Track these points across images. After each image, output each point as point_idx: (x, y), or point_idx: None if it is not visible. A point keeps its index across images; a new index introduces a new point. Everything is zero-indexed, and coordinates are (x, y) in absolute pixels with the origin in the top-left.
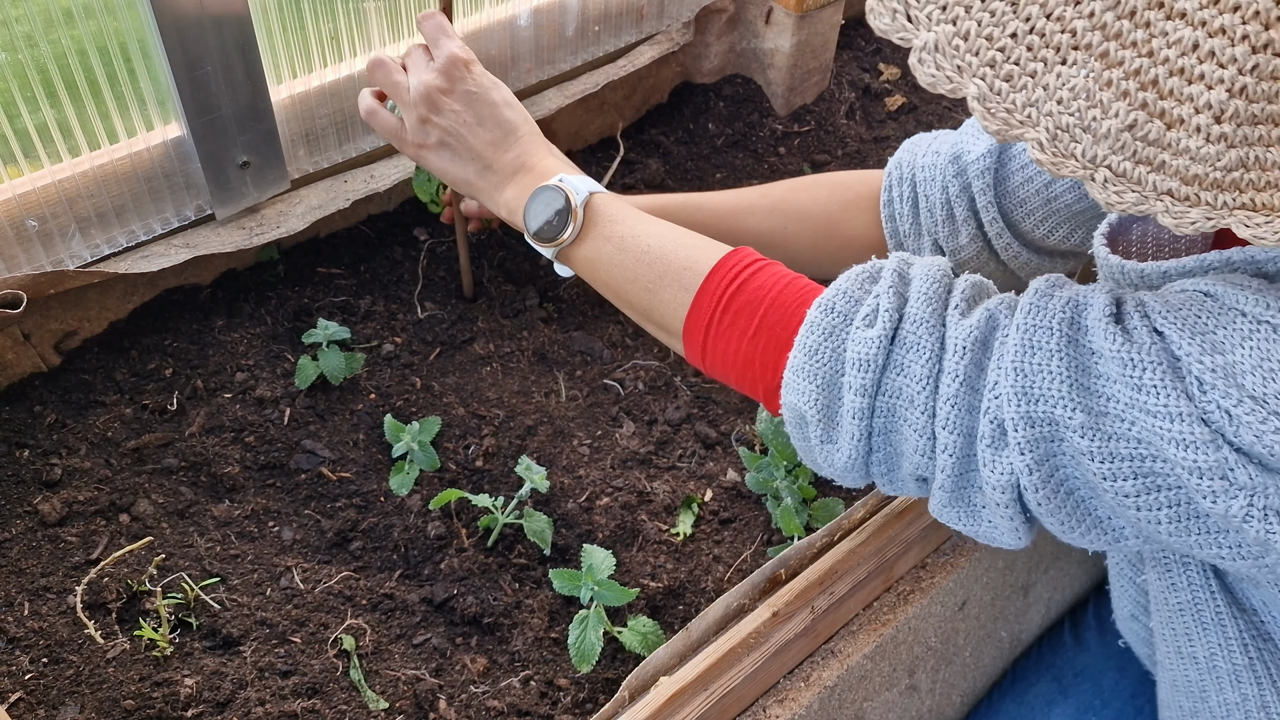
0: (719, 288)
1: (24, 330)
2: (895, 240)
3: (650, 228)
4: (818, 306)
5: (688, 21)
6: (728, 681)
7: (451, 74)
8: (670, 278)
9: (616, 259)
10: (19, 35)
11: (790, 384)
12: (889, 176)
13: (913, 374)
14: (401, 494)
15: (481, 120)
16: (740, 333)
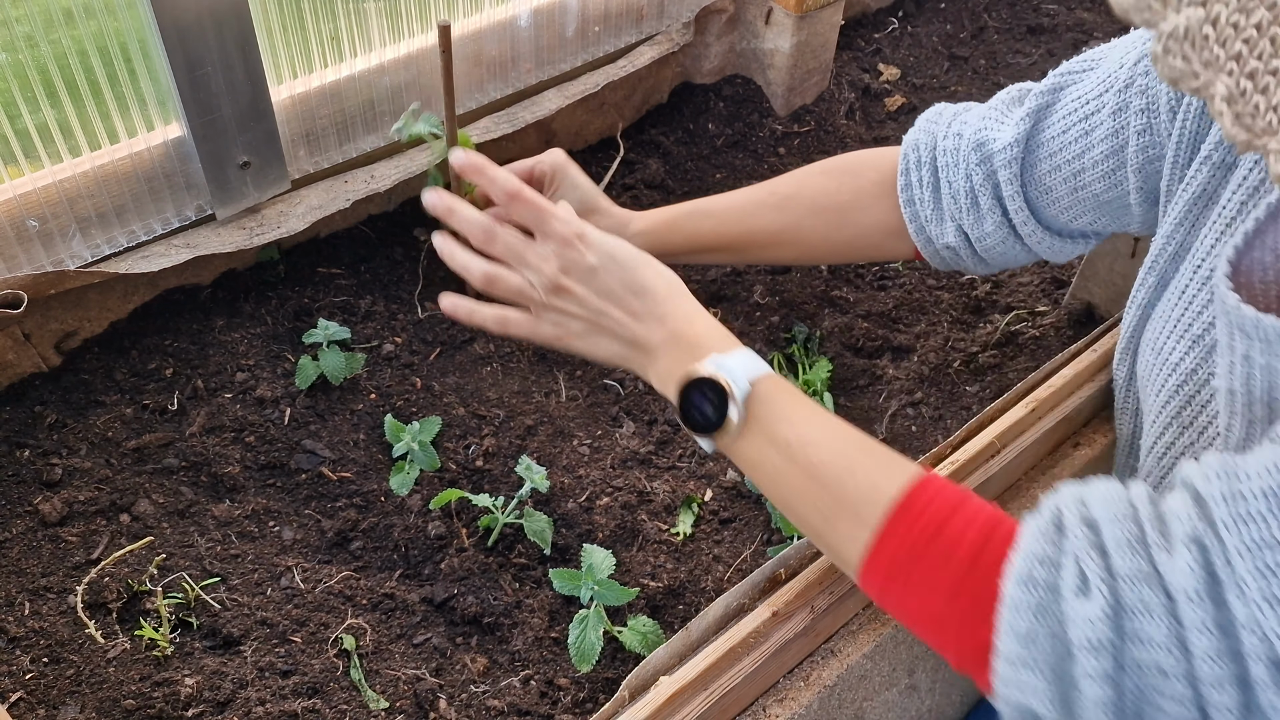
0: (906, 532)
1: (24, 330)
2: (916, 224)
3: (821, 433)
4: (1016, 580)
5: (687, 22)
6: (728, 681)
7: (566, 256)
8: (847, 508)
9: (783, 469)
10: (19, 35)
11: (1010, 680)
12: (905, 159)
13: (1155, 642)
14: (402, 494)
15: (612, 295)
16: (930, 591)
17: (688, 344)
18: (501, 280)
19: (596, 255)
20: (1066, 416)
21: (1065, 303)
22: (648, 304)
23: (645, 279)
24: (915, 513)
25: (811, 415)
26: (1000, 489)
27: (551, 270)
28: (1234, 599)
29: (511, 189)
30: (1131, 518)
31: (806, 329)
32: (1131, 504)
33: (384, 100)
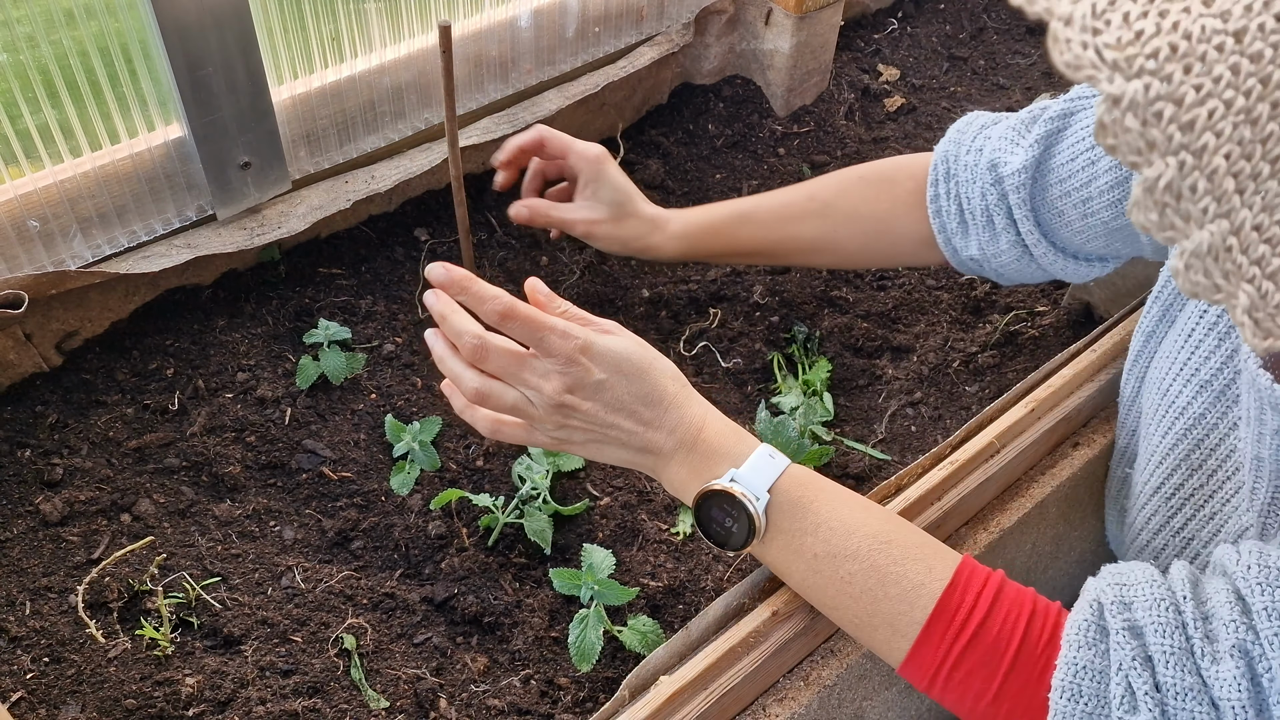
0: (945, 642)
1: (25, 330)
2: (944, 237)
3: (847, 542)
4: (1063, 693)
5: (687, 23)
6: (727, 680)
7: (571, 374)
8: (881, 620)
9: (811, 580)
10: (20, 36)
11: None
12: (934, 170)
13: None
14: (402, 493)
15: (621, 406)
16: (975, 695)
17: (701, 453)
18: (495, 398)
19: (603, 369)
20: (1066, 416)
21: (1064, 303)
22: (657, 413)
23: (654, 387)
24: (951, 618)
25: (834, 521)
26: (1000, 489)
27: (553, 389)
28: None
29: (504, 308)
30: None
31: (806, 329)
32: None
33: (384, 100)
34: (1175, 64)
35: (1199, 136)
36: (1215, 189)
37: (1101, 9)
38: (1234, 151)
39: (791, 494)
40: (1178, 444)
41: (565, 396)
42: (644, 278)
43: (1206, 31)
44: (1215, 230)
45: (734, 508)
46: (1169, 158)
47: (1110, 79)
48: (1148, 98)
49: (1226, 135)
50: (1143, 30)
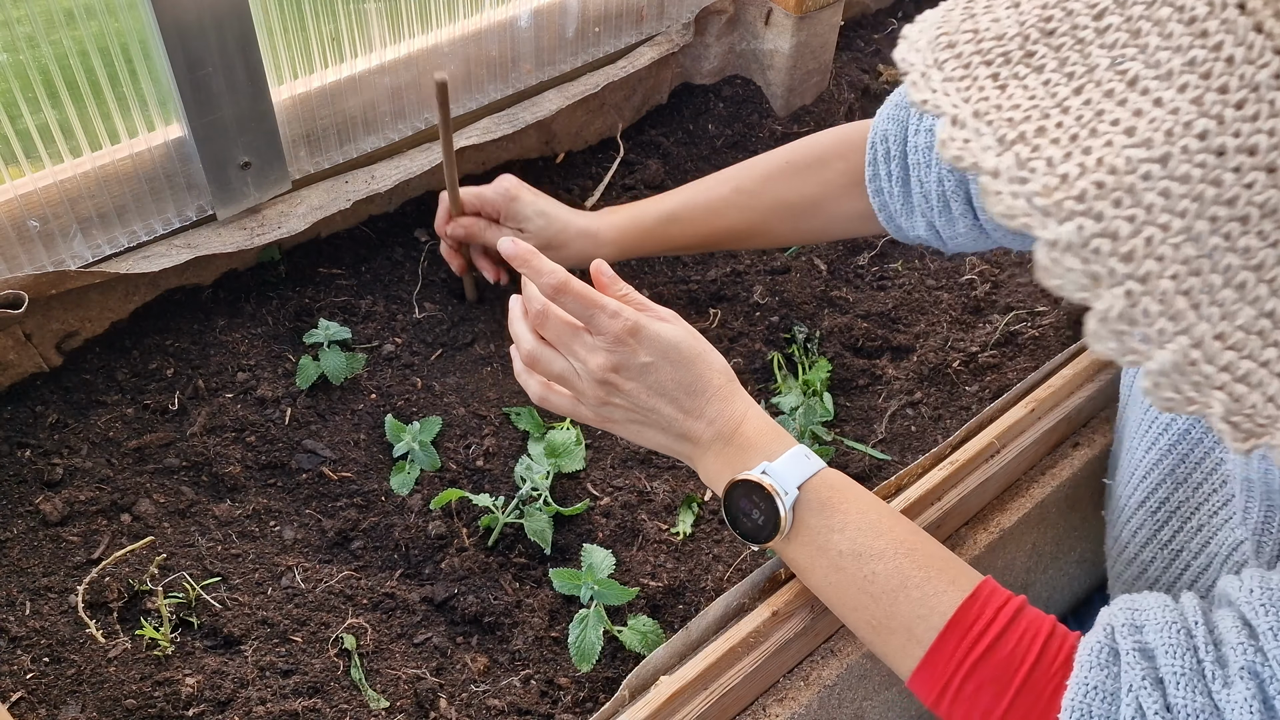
0: (960, 651)
1: (25, 330)
2: (885, 214)
3: (873, 543)
4: (1073, 713)
5: (687, 23)
6: (727, 680)
7: (618, 353)
8: (899, 623)
9: (833, 579)
10: (20, 36)
11: None
12: (873, 150)
13: None
14: (402, 493)
15: (664, 391)
16: (984, 712)
17: (737, 446)
18: (544, 364)
19: (650, 352)
20: (1066, 416)
21: (1065, 303)
22: (699, 402)
23: (696, 376)
24: (967, 629)
25: (863, 523)
26: (1000, 489)
27: (598, 365)
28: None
29: (558, 283)
30: (1188, 646)
31: (806, 329)
32: (1187, 629)
33: (384, 101)
34: (1104, 200)
35: (1141, 264)
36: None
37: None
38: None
39: (822, 493)
40: (1163, 459)
41: (609, 375)
42: (643, 277)
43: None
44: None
45: (762, 500)
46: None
47: (1044, 225)
48: (1082, 237)
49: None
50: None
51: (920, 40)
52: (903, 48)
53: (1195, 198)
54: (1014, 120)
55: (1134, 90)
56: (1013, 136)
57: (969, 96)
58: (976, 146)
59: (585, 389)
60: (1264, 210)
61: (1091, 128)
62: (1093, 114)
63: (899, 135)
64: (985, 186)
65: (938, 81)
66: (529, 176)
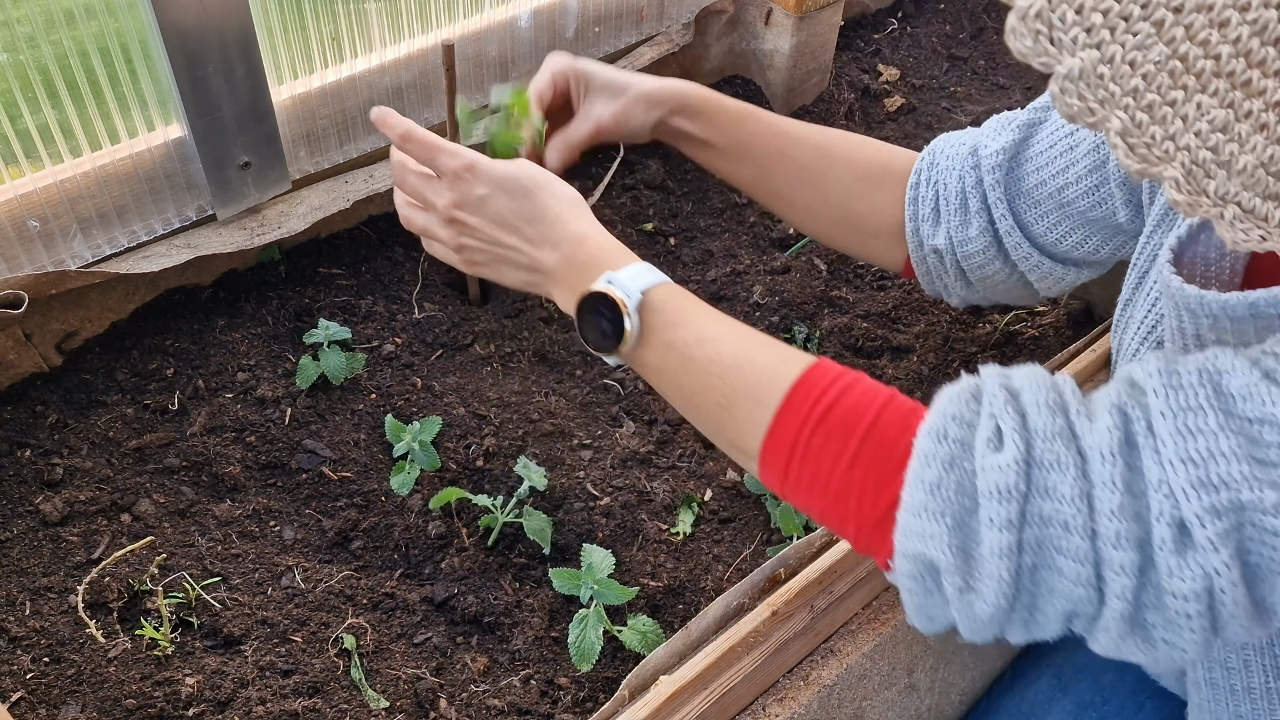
0: (804, 408)
1: (26, 330)
2: (913, 225)
3: (717, 329)
4: (928, 435)
5: (687, 23)
6: (727, 680)
7: (458, 190)
8: (745, 394)
9: (682, 369)
10: (20, 36)
11: (912, 529)
12: (919, 162)
13: (1061, 495)
14: (402, 493)
15: (505, 224)
16: (833, 461)
17: (581, 264)
18: (411, 221)
19: (486, 185)
20: None
21: (1065, 303)
22: (540, 230)
23: (536, 205)
24: (814, 386)
25: (706, 316)
26: None
27: (444, 204)
28: (1149, 462)
29: (403, 131)
30: (1053, 387)
31: (806, 329)
32: (1056, 385)
33: (384, 100)
34: None
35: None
36: (1083, 21)
37: None
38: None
39: (665, 297)
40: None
41: (454, 211)
42: None
43: None
44: (1086, 57)
45: (609, 309)
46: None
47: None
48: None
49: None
50: None
51: None
52: None
53: None
54: None
55: None
56: None
57: None
58: None
59: (441, 233)
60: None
61: None
62: None
63: (942, 149)
64: None
65: None
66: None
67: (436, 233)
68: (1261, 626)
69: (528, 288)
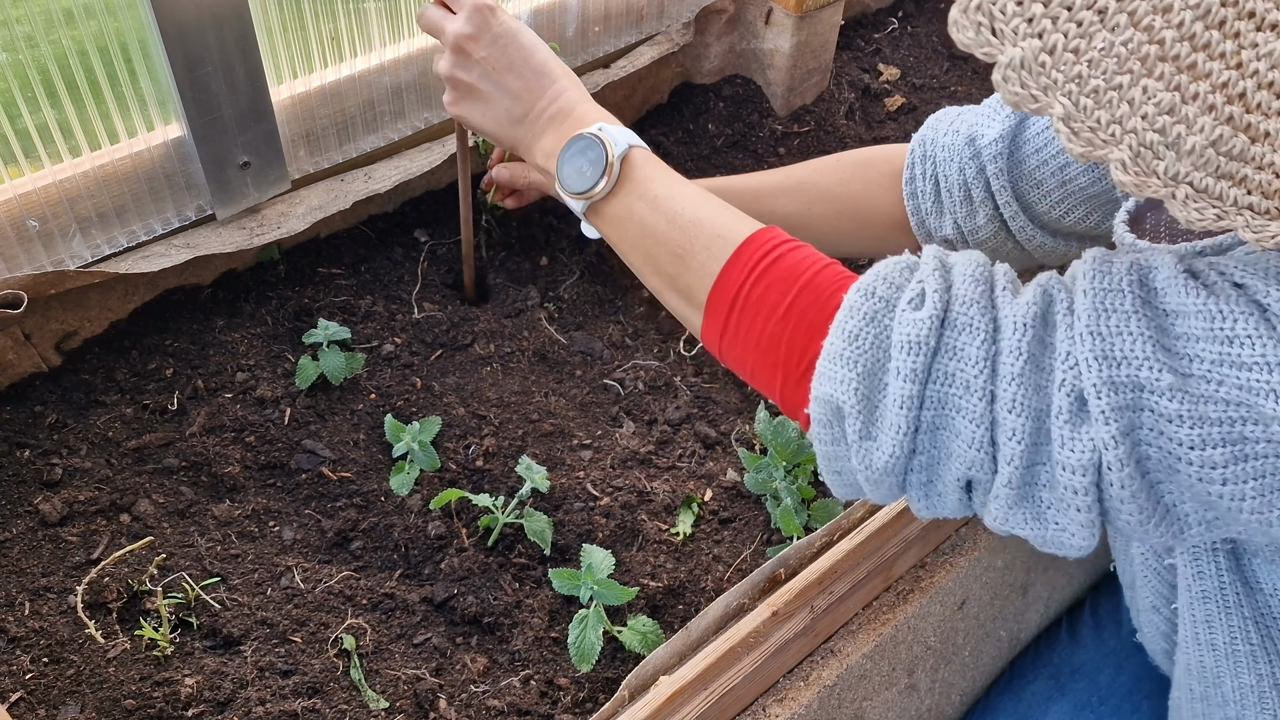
0: (751, 260)
1: (25, 330)
2: (918, 218)
3: (685, 190)
4: (857, 290)
5: (687, 22)
6: (727, 680)
7: (475, 19)
8: (701, 244)
9: (648, 219)
10: (20, 35)
11: (826, 373)
12: (911, 154)
13: (967, 356)
14: (402, 494)
15: (512, 65)
16: (769, 311)
17: (575, 119)
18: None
19: (502, 28)
20: None
21: None
22: (543, 83)
23: (545, 60)
24: (760, 242)
25: (676, 178)
26: None
27: (456, 28)
28: (1061, 336)
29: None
30: (987, 268)
31: None
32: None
33: (384, 100)
34: None
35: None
36: (1025, 12)
37: None
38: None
39: (645, 158)
40: None
41: (464, 41)
42: None
43: None
44: (1028, 47)
45: (593, 151)
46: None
47: None
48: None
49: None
50: None
51: None
52: None
53: None
54: None
55: None
56: None
57: None
58: None
59: (442, 64)
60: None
61: None
62: None
63: (933, 139)
64: None
65: None
66: None
67: (441, 63)
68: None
69: (503, 132)
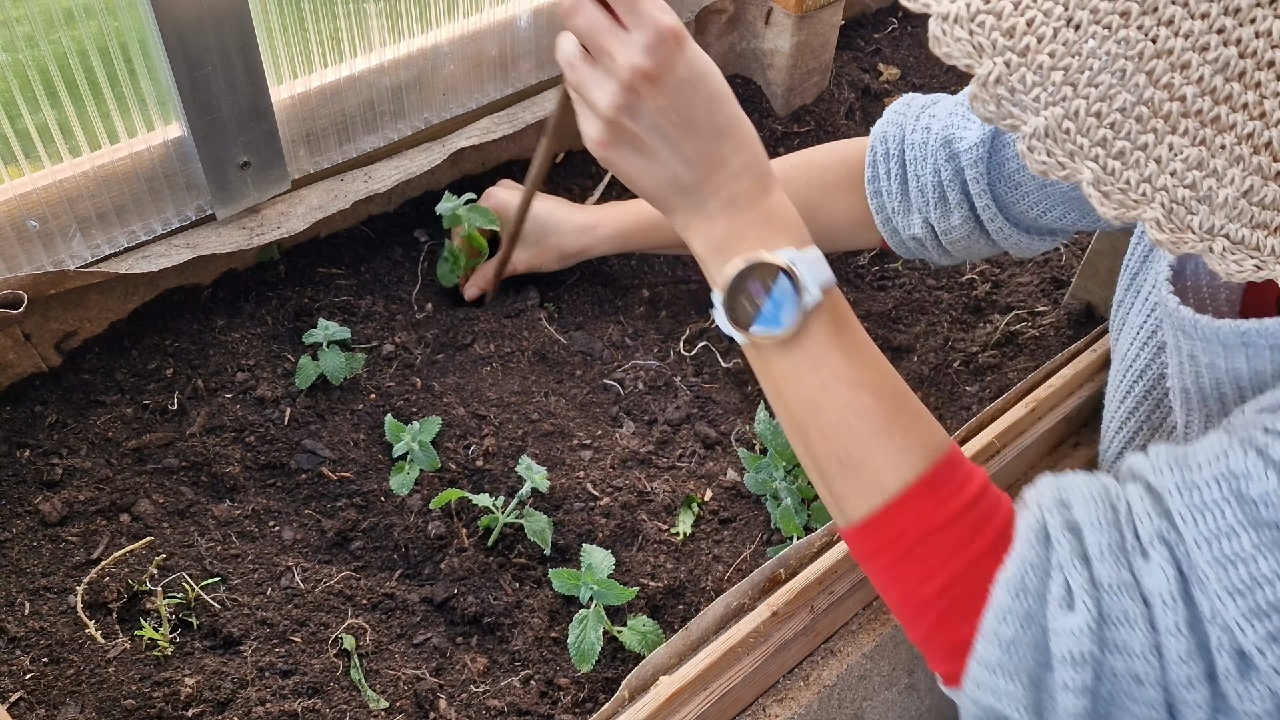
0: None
1: (25, 330)
2: (883, 216)
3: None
4: (1006, 589)
5: (687, 22)
6: (727, 681)
7: (659, 54)
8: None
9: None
10: (19, 35)
11: (986, 684)
12: (873, 151)
13: (1132, 650)
14: (402, 494)
15: (694, 124)
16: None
17: (760, 215)
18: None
19: (690, 70)
20: (1066, 416)
21: (1065, 303)
22: (725, 149)
23: (733, 119)
24: (935, 492)
25: (865, 352)
26: (1000, 489)
27: (630, 63)
28: (1198, 593)
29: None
30: (1112, 521)
31: None
32: (1111, 505)
33: (384, 100)
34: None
35: (1020, 40)
36: (1044, 81)
37: None
38: (1058, 50)
39: (837, 307)
40: (1138, 407)
41: (639, 81)
42: (644, 277)
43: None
44: (1050, 115)
45: (778, 289)
46: (996, 58)
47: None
48: (969, 13)
49: (1048, 37)
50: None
51: None
52: None
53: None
54: None
55: None
56: None
57: None
58: None
59: (601, 95)
60: (1144, 7)
61: None
62: None
63: (898, 135)
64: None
65: None
66: None
67: (595, 93)
68: None
69: (657, 199)
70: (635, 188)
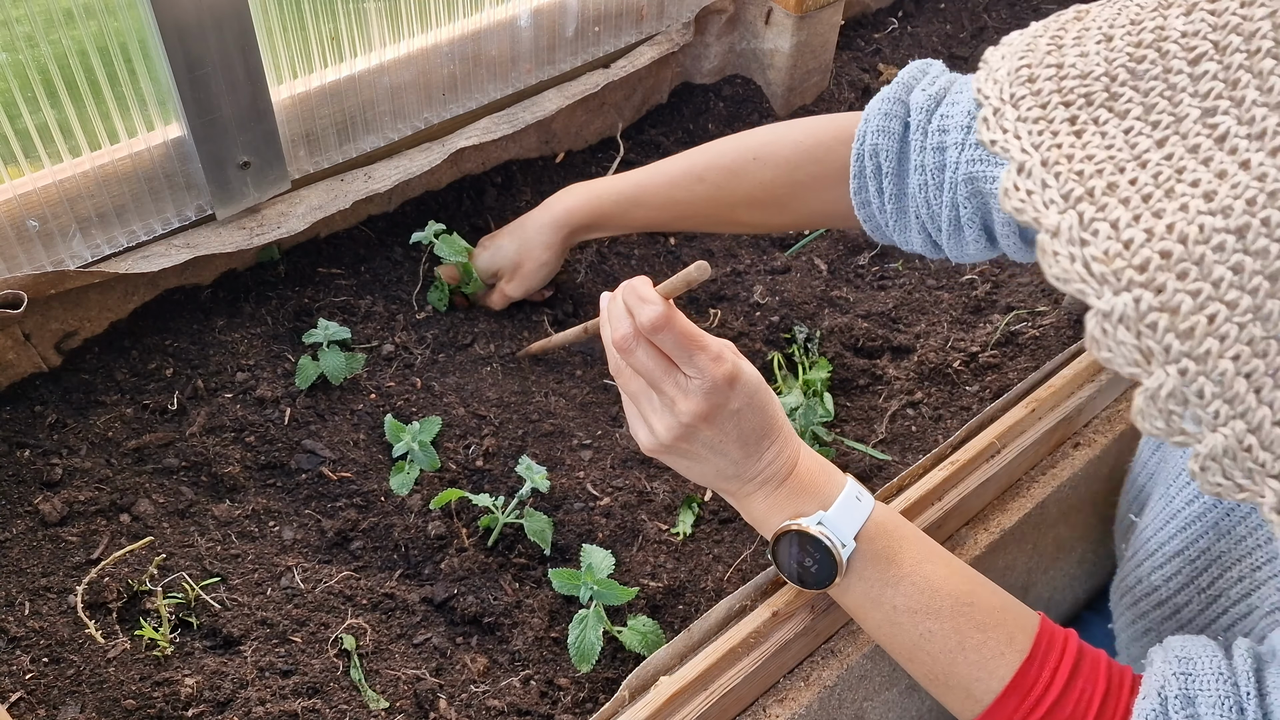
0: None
1: (25, 330)
2: (872, 225)
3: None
4: None
5: (687, 22)
6: (728, 681)
7: (714, 397)
8: (957, 682)
9: (888, 631)
10: (19, 35)
11: None
12: (861, 163)
13: None
14: (402, 494)
15: (742, 437)
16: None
17: (789, 489)
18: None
19: (741, 399)
20: (1066, 416)
21: (1065, 303)
22: (763, 445)
23: (771, 420)
24: (1026, 692)
25: (918, 577)
26: (1000, 489)
27: (689, 409)
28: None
29: (655, 317)
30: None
31: (806, 329)
32: (1240, 705)
33: (384, 100)
34: (1168, 272)
35: (1200, 343)
36: (1225, 392)
37: (1090, 218)
38: (1244, 352)
39: (877, 543)
40: (1208, 511)
41: (698, 421)
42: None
43: (1204, 232)
44: (1230, 432)
45: (817, 550)
46: (1168, 366)
47: (1099, 293)
48: (1139, 310)
49: (1233, 337)
50: (1132, 239)
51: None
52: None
53: (1271, 275)
54: (1084, 174)
55: (1221, 148)
56: (1080, 193)
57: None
58: (1040, 200)
59: (663, 428)
60: None
61: (1168, 187)
62: (1172, 171)
63: (892, 151)
64: (1043, 245)
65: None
66: (529, 176)
67: (654, 419)
68: None
69: (706, 484)
70: (686, 475)
